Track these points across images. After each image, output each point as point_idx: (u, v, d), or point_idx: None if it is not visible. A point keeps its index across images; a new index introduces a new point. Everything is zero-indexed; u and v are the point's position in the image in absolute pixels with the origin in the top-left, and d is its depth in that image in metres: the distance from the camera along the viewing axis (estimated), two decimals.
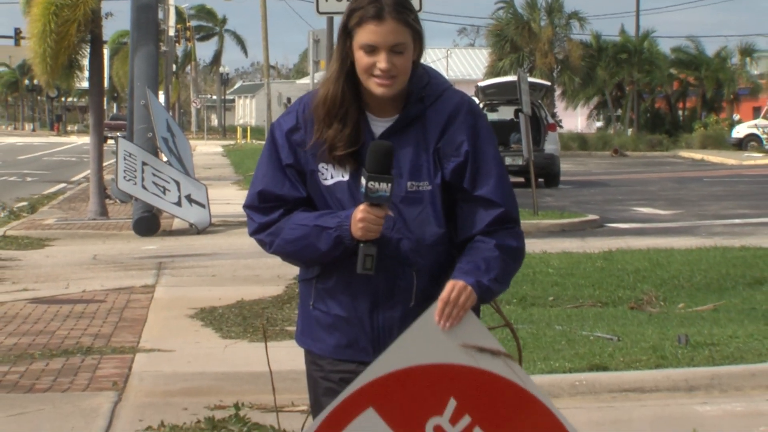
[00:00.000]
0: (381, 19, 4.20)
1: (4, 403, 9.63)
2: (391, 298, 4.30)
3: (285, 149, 4.36)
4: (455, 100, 4.38)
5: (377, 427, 3.97)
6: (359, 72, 4.26)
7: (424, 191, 4.30)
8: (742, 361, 10.05)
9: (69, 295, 15.32)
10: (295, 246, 4.31)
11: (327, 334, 4.38)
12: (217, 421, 8.58)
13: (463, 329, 4.04)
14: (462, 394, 4.00)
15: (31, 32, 26.52)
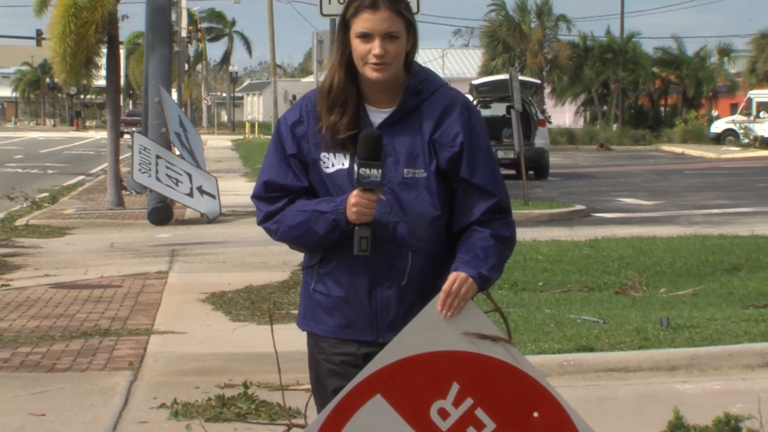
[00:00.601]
0: (375, 8, 4.25)
1: (27, 381, 9.63)
2: (388, 278, 4.31)
3: (289, 141, 4.39)
4: (450, 95, 4.42)
5: (385, 411, 3.97)
6: (356, 60, 4.30)
7: (420, 178, 4.32)
8: (720, 342, 10.05)
9: (88, 280, 15.34)
10: (296, 231, 4.33)
11: (328, 316, 4.38)
12: (227, 399, 8.59)
13: (464, 318, 4.05)
14: (464, 379, 4.00)
15: (51, 33, 26.54)
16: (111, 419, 8.42)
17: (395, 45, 4.27)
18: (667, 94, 78.90)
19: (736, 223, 22.16)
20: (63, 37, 25.76)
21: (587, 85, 75.06)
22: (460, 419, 3.98)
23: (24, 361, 10.36)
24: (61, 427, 8.14)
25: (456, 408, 3.99)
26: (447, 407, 3.99)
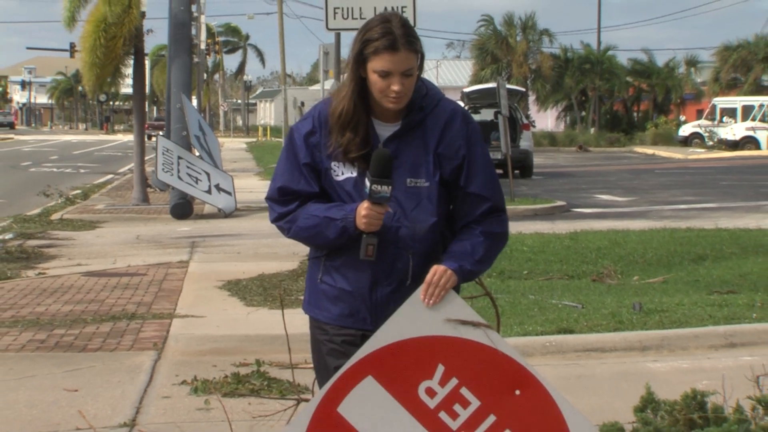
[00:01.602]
0: (395, 50, 4.20)
1: (61, 360, 9.63)
2: (389, 277, 4.31)
3: (303, 150, 4.36)
4: (450, 108, 4.40)
5: (376, 391, 3.97)
6: (375, 92, 4.26)
7: (422, 187, 4.31)
8: (688, 325, 10.06)
9: (116, 269, 15.34)
10: (307, 233, 4.33)
11: (332, 305, 4.38)
12: (242, 376, 8.59)
13: (446, 306, 4.05)
14: (448, 361, 4.00)
15: (83, 46, 26.55)
16: (137, 394, 8.42)
17: (411, 79, 4.25)
18: (640, 100, 79.01)
19: (702, 217, 22.17)
20: (93, 49, 25.78)
21: (567, 93, 75.19)
22: (446, 397, 3.98)
23: (58, 342, 10.36)
24: (92, 402, 8.14)
25: (442, 387, 3.99)
26: (434, 387, 3.99)
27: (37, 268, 15.65)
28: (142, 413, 7.90)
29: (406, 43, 4.21)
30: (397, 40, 4.20)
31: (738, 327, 9.91)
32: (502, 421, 3.97)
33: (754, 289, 12.63)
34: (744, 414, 4.93)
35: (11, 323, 11.25)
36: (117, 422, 7.61)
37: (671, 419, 4.89)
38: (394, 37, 4.20)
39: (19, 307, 12.25)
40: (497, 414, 3.98)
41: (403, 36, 4.22)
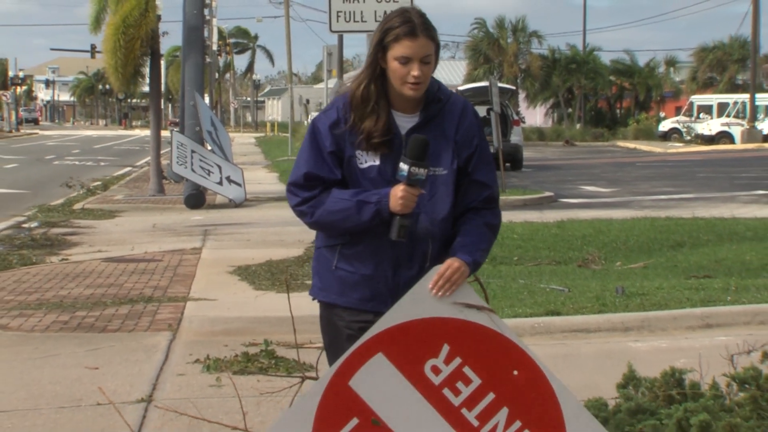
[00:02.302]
0: (415, 36, 4.19)
1: (83, 340, 9.64)
2: (410, 261, 4.28)
3: (328, 139, 4.31)
4: (461, 102, 4.41)
5: (386, 368, 3.97)
6: (394, 79, 4.24)
7: (440, 175, 4.28)
8: (667, 307, 10.06)
9: (134, 255, 15.34)
10: (336, 216, 4.25)
11: (352, 290, 4.32)
12: (251, 355, 8.60)
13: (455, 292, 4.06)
14: (453, 341, 4.00)
15: (104, 47, 26.61)
16: (154, 372, 8.42)
17: (429, 67, 4.23)
18: (622, 98, 79.03)
19: (680, 207, 22.18)
20: (114, 51, 25.84)
21: (555, 91, 75.17)
22: (450, 375, 3.98)
23: (80, 323, 10.37)
24: (111, 379, 8.14)
25: (447, 365, 3.99)
26: (439, 365, 3.99)
27: (60, 254, 15.66)
28: (158, 389, 7.90)
29: (425, 30, 4.21)
30: (417, 27, 4.20)
31: (713, 309, 9.91)
32: (501, 398, 3.98)
33: (728, 274, 12.64)
34: (719, 390, 4.94)
35: (36, 306, 11.26)
36: (135, 398, 7.61)
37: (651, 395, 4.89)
38: (414, 25, 4.20)
39: (43, 290, 12.26)
40: (496, 392, 3.99)
41: (421, 24, 4.22)
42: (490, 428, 3.98)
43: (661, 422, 4.65)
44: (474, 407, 3.98)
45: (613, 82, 77.34)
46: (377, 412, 3.95)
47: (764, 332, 9.06)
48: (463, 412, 3.97)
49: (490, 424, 3.97)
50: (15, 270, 13.99)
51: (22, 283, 12.87)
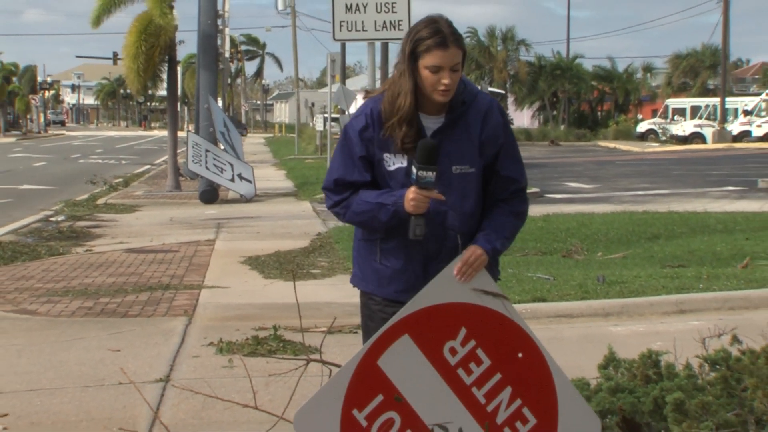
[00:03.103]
0: (446, 47, 4.11)
1: (106, 324, 9.64)
2: (438, 255, 4.24)
3: (359, 145, 4.26)
4: (487, 101, 4.33)
5: (410, 348, 4.00)
6: (426, 87, 4.15)
7: (467, 173, 4.23)
8: (644, 294, 10.06)
9: (152, 246, 15.35)
10: (361, 217, 4.25)
11: (388, 283, 4.31)
12: (261, 339, 8.60)
13: (475, 278, 4.07)
14: (470, 325, 4.03)
15: (126, 54, 26.64)
16: (171, 354, 8.42)
17: (457, 74, 4.16)
18: (603, 101, 79.06)
19: (656, 202, 22.18)
20: (135, 57, 25.89)
21: (541, 95, 75.19)
22: (465, 356, 4.01)
23: (104, 309, 10.37)
24: (132, 360, 8.14)
25: (462, 347, 4.01)
26: (456, 346, 4.01)
27: (85, 245, 15.66)
28: (175, 370, 7.90)
29: (455, 41, 4.14)
30: (447, 38, 4.12)
31: (687, 296, 9.92)
32: (506, 379, 4.02)
33: (700, 264, 12.64)
34: (692, 370, 4.94)
35: (63, 293, 11.26)
36: (154, 378, 7.61)
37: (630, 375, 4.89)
38: (444, 36, 4.12)
39: (69, 279, 12.26)
40: (502, 373, 4.02)
41: (451, 34, 4.14)
42: (494, 406, 4.01)
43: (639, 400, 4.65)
44: (483, 386, 4.01)
45: (594, 86, 77.40)
46: (400, 390, 3.99)
47: (734, 317, 9.07)
48: (473, 390, 4.01)
49: (495, 401, 4.01)
50: (43, 260, 14.00)
51: (50, 272, 12.88)
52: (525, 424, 4.02)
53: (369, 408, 3.97)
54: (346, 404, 3.97)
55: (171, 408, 6.84)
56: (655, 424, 4.35)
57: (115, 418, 6.62)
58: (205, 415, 6.60)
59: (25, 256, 14.22)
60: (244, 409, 5.50)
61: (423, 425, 3.97)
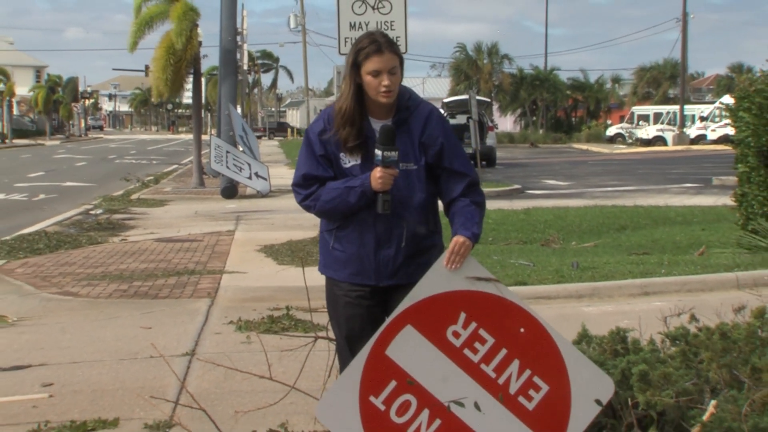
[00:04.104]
0: (381, 53, 4.17)
1: (139, 305, 9.65)
2: (388, 242, 4.26)
3: (317, 145, 4.30)
4: (428, 109, 4.36)
5: (415, 337, 3.94)
6: (370, 91, 4.21)
7: (411, 169, 4.25)
8: (613, 278, 10.06)
9: (179, 236, 15.34)
10: (331, 204, 4.25)
11: (343, 267, 4.33)
12: (275, 318, 8.60)
13: (465, 267, 4.03)
14: (468, 309, 3.97)
15: (155, 67, 26.64)
16: (196, 331, 8.43)
17: (396, 77, 4.21)
18: (576, 108, 79.06)
19: (623, 197, 22.19)
20: (164, 68, 25.91)
21: (522, 103, 75.15)
22: (468, 337, 3.95)
23: (137, 291, 10.38)
24: (162, 336, 8.15)
25: (465, 330, 3.95)
26: (458, 330, 3.95)
27: (120, 235, 15.66)
28: (199, 345, 7.91)
29: (389, 47, 4.19)
30: (382, 45, 4.19)
31: (651, 280, 9.92)
32: (512, 353, 3.95)
33: (662, 251, 12.65)
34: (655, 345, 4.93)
35: (101, 277, 11.27)
36: (181, 352, 7.61)
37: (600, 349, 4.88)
38: (380, 44, 4.19)
39: (107, 265, 12.26)
40: (508, 348, 3.96)
41: (385, 42, 4.21)
42: (505, 378, 3.94)
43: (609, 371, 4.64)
44: (491, 362, 3.94)
45: (569, 95, 77.40)
46: (411, 374, 3.92)
47: (691, 298, 9.07)
48: (482, 366, 3.93)
49: (505, 374, 3.94)
50: (84, 248, 14.00)
51: (90, 258, 12.88)
52: (538, 391, 3.93)
53: (385, 393, 3.90)
54: (362, 392, 3.90)
55: (196, 379, 6.85)
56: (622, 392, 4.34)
57: (146, 387, 6.62)
58: (226, 385, 6.61)
59: (68, 245, 14.22)
60: (260, 379, 5.50)
61: (439, 403, 3.90)
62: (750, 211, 12.39)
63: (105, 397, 6.48)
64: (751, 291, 8.91)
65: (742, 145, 12.46)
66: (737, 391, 4.40)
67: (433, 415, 3.90)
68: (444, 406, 3.91)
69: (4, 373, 7.19)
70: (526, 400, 3.93)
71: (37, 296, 10.23)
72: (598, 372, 4.05)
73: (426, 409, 3.91)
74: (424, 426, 3.90)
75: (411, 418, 3.90)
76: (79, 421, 5.92)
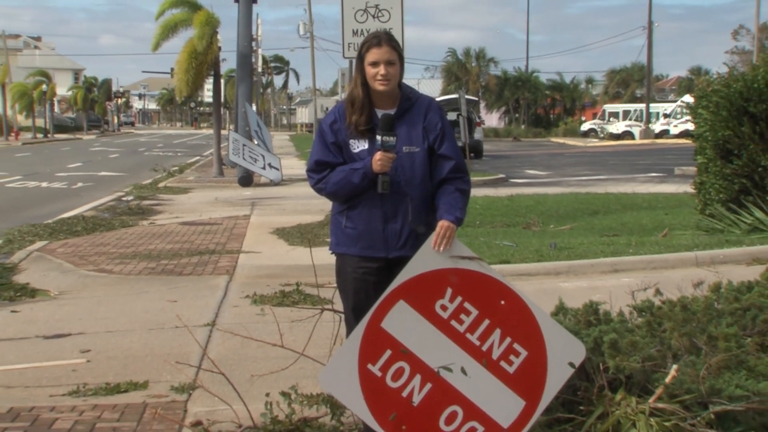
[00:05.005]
0: (380, 45, 4.24)
1: (166, 281, 9.66)
2: (395, 217, 4.26)
3: (329, 134, 4.33)
4: (428, 101, 4.40)
5: (407, 311, 3.94)
6: (368, 79, 4.26)
7: (415, 152, 4.26)
8: (586, 257, 10.06)
9: (201, 220, 15.34)
10: (338, 185, 4.26)
11: (355, 243, 4.33)
12: (286, 293, 8.60)
13: (451, 247, 4.02)
14: (454, 285, 3.96)
15: (179, 69, 26.56)
16: (216, 304, 8.43)
17: (393, 68, 4.24)
18: (554, 106, 78.96)
19: (596, 185, 22.17)
20: (187, 70, 25.87)
21: (506, 101, 75.08)
22: (454, 310, 3.95)
23: (164, 269, 10.38)
24: (186, 309, 8.15)
25: (451, 303, 3.94)
26: (446, 303, 3.95)
27: (149, 219, 15.66)
28: (219, 317, 7.91)
29: (388, 41, 4.26)
30: (382, 40, 4.25)
31: (620, 258, 9.92)
32: (494, 322, 3.96)
33: (630, 233, 12.65)
34: (624, 317, 4.93)
35: (132, 256, 11.26)
36: (203, 322, 7.62)
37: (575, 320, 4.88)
38: (380, 38, 4.27)
39: (137, 245, 12.26)
40: (490, 318, 3.96)
41: (385, 37, 4.28)
42: (488, 345, 3.94)
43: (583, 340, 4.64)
44: (475, 331, 3.94)
45: (548, 95, 77.31)
46: (404, 344, 3.92)
47: (656, 275, 9.07)
48: (468, 336, 3.93)
49: (488, 342, 3.94)
50: (117, 231, 13.99)
51: (122, 240, 12.87)
52: (518, 356, 3.94)
53: (381, 361, 3.90)
54: (361, 361, 3.90)
55: (216, 346, 6.85)
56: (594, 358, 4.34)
57: (172, 354, 6.63)
58: (243, 352, 6.61)
59: (102, 228, 14.21)
60: (273, 347, 5.50)
61: (429, 369, 3.91)
62: (708, 197, 12.40)
63: (136, 363, 6.49)
64: (709, 268, 8.92)
65: (701, 139, 12.47)
66: (696, 356, 4.41)
67: (424, 380, 3.91)
68: (434, 371, 3.91)
69: (48, 341, 7.20)
70: (507, 365, 3.94)
71: (75, 273, 10.23)
72: (571, 338, 4.05)
73: (418, 374, 3.91)
74: (417, 389, 3.91)
75: (405, 383, 3.91)
76: (113, 383, 5.94)
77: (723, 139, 12.08)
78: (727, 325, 4.65)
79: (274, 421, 4.95)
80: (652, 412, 4.07)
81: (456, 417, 3.89)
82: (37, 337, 7.34)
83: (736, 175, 12.01)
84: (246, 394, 5.25)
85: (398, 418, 3.87)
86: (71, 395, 5.74)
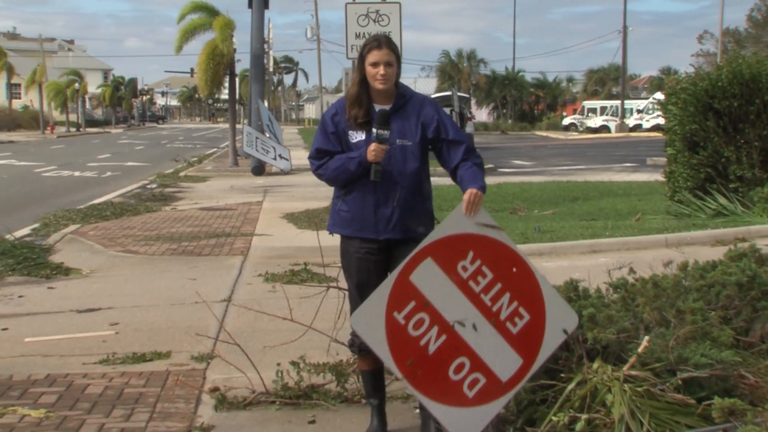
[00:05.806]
0: (380, 48, 4.23)
1: (186, 260, 9.66)
2: (385, 202, 4.25)
3: (330, 125, 4.32)
4: (422, 97, 4.39)
5: (433, 268, 3.93)
6: (369, 78, 4.25)
7: (407, 145, 4.25)
8: (567, 239, 10.07)
9: (218, 206, 15.33)
10: (336, 171, 4.26)
11: (348, 225, 4.33)
12: (295, 272, 8.61)
13: (478, 215, 4.03)
14: (476, 249, 3.97)
15: (198, 69, 26.55)
16: (232, 282, 8.44)
17: (391, 69, 4.23)
18: (538, 103, 78.74)
19: (576, 174, 22.15)
20: (206, 70, 25.87)
21: (495, 98, 74.84)
22: (473, 272, 3.96)
23: (184, 250, 10.38)
24: (204, 286, 8.16)
25: (471, 265, 3.96)
26: (466, 265, 3.95)
27: (171, 205, 15.65)
28: (234, 293, 7.92)
29: (387, 44, 4.25)
30: (382, 43, 4.25)
31: (597, 240, 9.92)
32: (505, 286, 3.98)
33: (607, 218, 12.64)
34: (601, 293, 4.94)
35: (156, 238, 11.26)
36: (220, 298, 7.63)
37: None
38: (380, 41, 4.26)
39: (160, 228, 12.26)
40: (502, 282, 3.98)
41: (385, 40, 4.28)
42: (498, 306, 3.96)
43: None
44: (488, 293, 3.96)
45: (532, 92, 77.06)
46: (427, 297, 3.94)
47: (630, 255, 9.07)
48: (482, 296, 3.96)
49: (498, 303, 3.96)
50: (142, 215, 13.99)
51: (147, 223, 12.87)
52: (521, 319, 3.97)
53: (405, 311, 3.91)
54: (388, 308, 3.92)
55: (232, 320, 6.86)
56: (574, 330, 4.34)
57: (192, 326, 6.64)
58: (256, 325, 6.62)
59: (129, 212, 14.21)
60: (283, 321, 5.51)
61: (446, 322, 3.94)
62: (676, 185, 12.41)
63: (159, 334, 6.50)
64: (677, 249, 8.93)
65: (671, 132, 12.48)
66: (665, 328, 4.42)
67: (440, 332, 3.94)
68: (450, 324, 3.95)
69: (80, 315, 7.22)
70: (512, 325, 3.98)
71: (105, 253, 10.24)
72: (567, 308, 4.10)
73: (436, 326, 3.94)
74: (433, 339, 3.94)
75: (423, 332, 3.94)
76: (139, 353, 5.96)
77: (690, 133, 12.08)
78: (694, 300, 4.65)
79: (285, 387, 4.97)
80: (626, 378, 4.08)
81: (463, 368, 3.93)
82: (71, 311, 7.36)
83: (701, 165, 12.03)
84: (259, 363, 5.27)
85: (414, 363, 3.90)
86: (102, 363, 5.76)
